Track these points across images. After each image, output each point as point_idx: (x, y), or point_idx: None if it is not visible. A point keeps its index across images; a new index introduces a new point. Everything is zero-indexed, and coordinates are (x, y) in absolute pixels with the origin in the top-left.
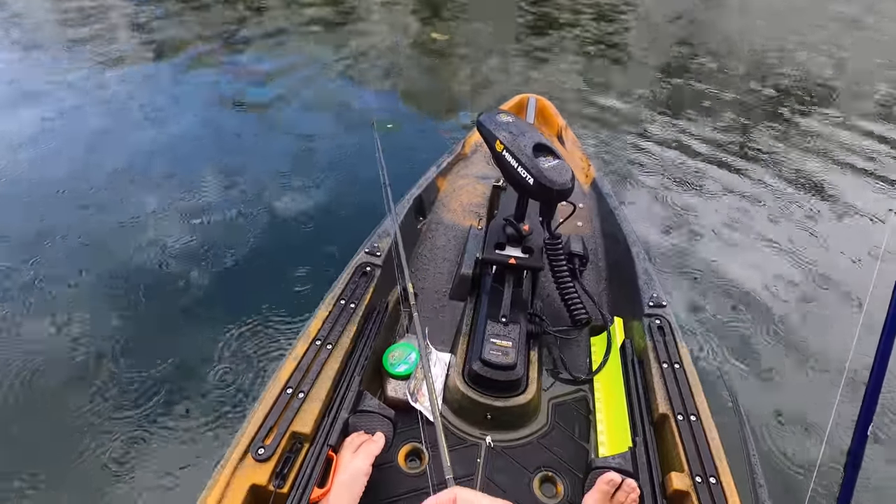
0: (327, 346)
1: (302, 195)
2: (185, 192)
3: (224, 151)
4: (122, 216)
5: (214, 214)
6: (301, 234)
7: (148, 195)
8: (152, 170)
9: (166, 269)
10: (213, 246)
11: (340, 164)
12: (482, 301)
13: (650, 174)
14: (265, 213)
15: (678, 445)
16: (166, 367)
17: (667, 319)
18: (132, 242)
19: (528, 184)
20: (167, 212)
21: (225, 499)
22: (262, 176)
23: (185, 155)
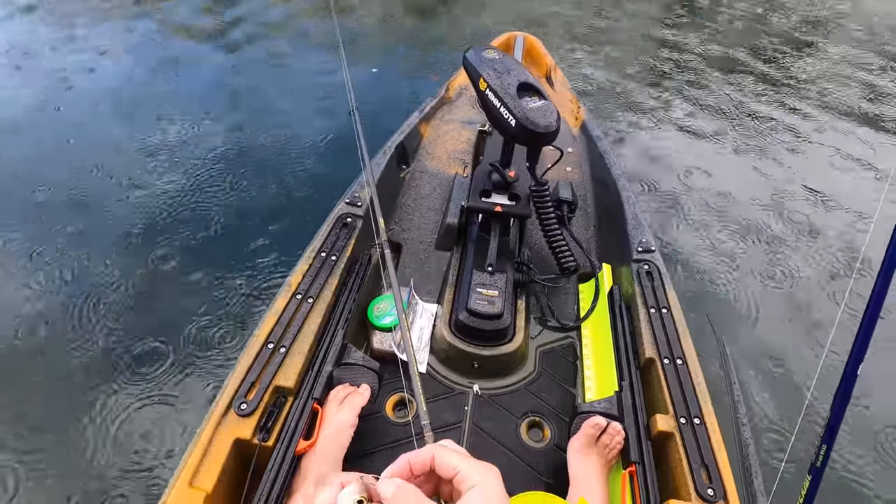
0: (308, 299)
1: (275, 140)
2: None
3: (186, 90)
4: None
5: (178, 155)
6: (277, 183)
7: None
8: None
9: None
10: (182, 195)
11: (317, 108)
12: (468, 250)
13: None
14: (238, 156)
15: (664, 388)
16: (143, 320)
17: (655, 265)
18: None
19: (510, 126)
20: (130, 153)
21: (209, 454)
22: (226, 116)
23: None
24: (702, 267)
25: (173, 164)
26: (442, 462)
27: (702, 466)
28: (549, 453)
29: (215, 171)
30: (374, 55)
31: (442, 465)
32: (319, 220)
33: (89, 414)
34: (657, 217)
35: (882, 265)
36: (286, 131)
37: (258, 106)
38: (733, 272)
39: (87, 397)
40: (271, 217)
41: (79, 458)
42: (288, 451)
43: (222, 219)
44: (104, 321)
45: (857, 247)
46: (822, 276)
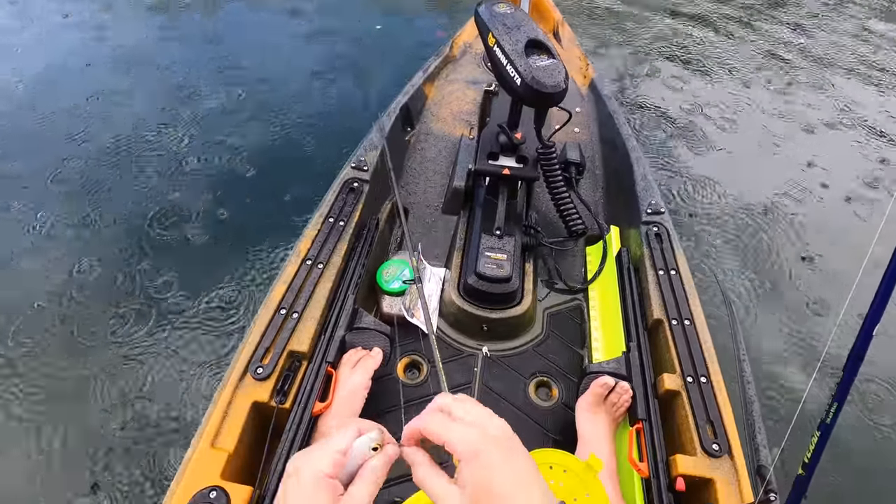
0: (318, 265)
1: (276, 105)
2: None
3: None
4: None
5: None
6: (280, 147)
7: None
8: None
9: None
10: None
11: (321, 70)
12: (476, 214)
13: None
14: (242, 124)
15: (671, 349)
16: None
17: (664, 227)
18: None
19: (516, 84)
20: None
21: (228, 416)
22: (234, 79)
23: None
24: (713, 226)
25: (186, 122)
26: (429, 434)
27: (707, 423)
28: (557, 411)
29: (217, 132)
30: (380, 9)
31: (431, 437)
32: (315, 180)
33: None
34: (668, 177)
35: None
36: (296, 96)
37: (262, 66)
38: (745, 231)
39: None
40: (279, 182)
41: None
42: (305, 413)
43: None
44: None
45: (882, 208)
46: (840, 234)
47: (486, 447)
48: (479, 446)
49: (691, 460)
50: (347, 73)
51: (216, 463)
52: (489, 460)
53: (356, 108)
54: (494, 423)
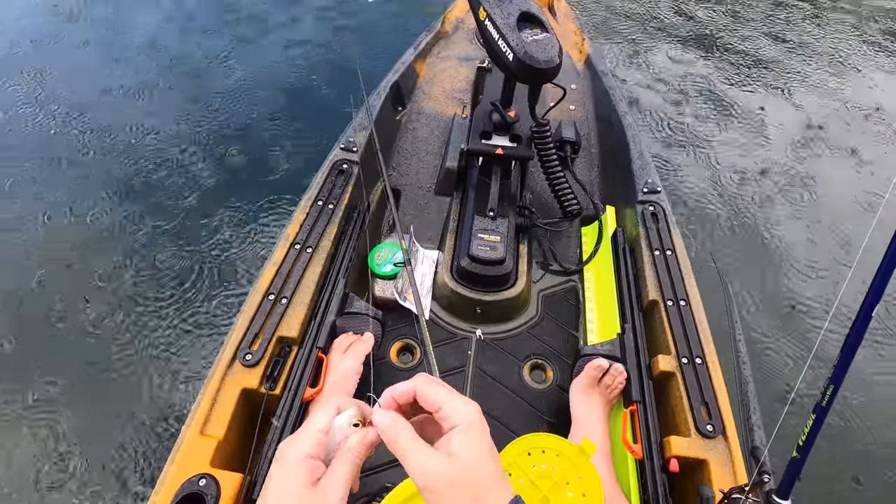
0: (307, 249)
1: (260, 84)
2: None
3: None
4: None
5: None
6: (267, 131)
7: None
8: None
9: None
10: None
11: (307, 49)
12: (469, 195)
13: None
14: (224, 106)
15: (666, 330)
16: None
17: (661, 206)
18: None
19: (508, 60)
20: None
21: (217, 403)
22: (212, 56)
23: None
24: (709, 205)
25: (166, 102)
26: (425, 396)
27: (702, 404)
28: (551, 394)
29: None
30: None
31: (425, 398)
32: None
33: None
34: (664, 153)
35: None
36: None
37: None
38: (742, 210)
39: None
40: (265, 164)
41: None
42: (295, 399)
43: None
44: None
45: (882, 184)
46: (840, 215)
47: (482, 422)
48: (476, 418)
49: (685, 441)
50: (338, 51)
51: (205, 451)
52: (483, 435)
53: (350, 86)
54: (475, 405)
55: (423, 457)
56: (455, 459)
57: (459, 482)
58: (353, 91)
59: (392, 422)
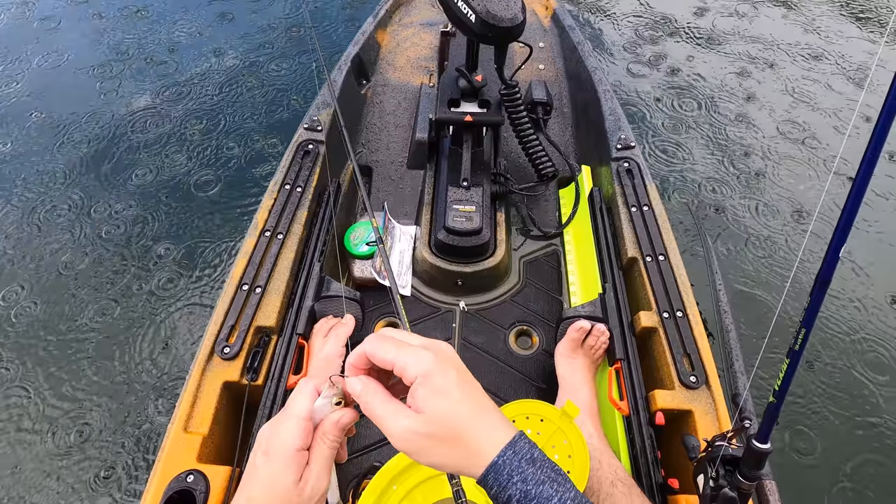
0: (278, 235)
1: (212, 64)
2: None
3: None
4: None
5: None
6: (222, 114)
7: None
8: None
9: None
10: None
11: (261, 29)
12: (441, 167)
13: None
14: (174, 88)
15: (646, 286)
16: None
17: (635, 161)
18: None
19: (470, 21)
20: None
21: (199, 399)
22: (162, 36)
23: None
24: (684, 155)
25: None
26: (375, 356)
27: (684, 356)
28: (538, 359)
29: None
30: None
31: (376, 359)
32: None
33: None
34: (637, 108)
35: (868, 144)
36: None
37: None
38: (715, 158)
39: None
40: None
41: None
42: (279, 387)
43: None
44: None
45: (845, 124)
46: (807, 155)
47: (440, 366)
48: (432, 366)
49: (669, 394)
50: (294, 27)
51: (191, 447)
52: (445, 380)
53: (310, 63)
54: (443, 346)
55: (395, 419)
56: (424, 415)
57: (434, 436)
58: (313, 68)
59: (363, 387)
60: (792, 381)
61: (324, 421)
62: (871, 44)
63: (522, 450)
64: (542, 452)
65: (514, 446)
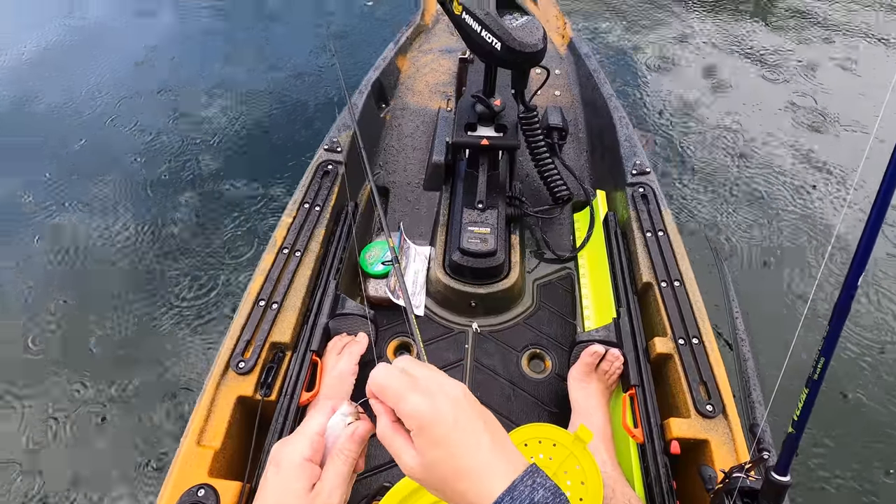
0: (296, 253)
1: (241, 86)
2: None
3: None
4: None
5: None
6: (248, 134)
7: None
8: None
9: None
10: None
11: (287, 48)
12: (457, 189)
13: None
14: (202, 111)
15: (661, 311)
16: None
17: (650, 186)
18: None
19: (495, 49)
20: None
21: (213, 413)
22: (193, 61)
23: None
24: (700, 183)
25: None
26: (380, 397)
27: (700, 384)
28: (551, 383)
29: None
30: None
31: (382, 399)
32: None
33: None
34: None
35: (886, 171)
36: (274, 72)
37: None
38: (732, 188)
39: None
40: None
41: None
42: (292, 404)
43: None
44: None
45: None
46: (826, 186)
47: (440, 417)
48: (432, 417)
49: (685, 423)
50: (319, 54)
51: (203, 461)
52: (443, 431)
53: (333, 87)
54: (449, 387)
55: (401, 455)
56: (422, 462)
57: (432, 481)
58: (336, 92)
59: (378, 416)
60: (811, 411)
61: (340, 436)
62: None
63: (522, 495)
64: (546, 494)
65: (513, 492)
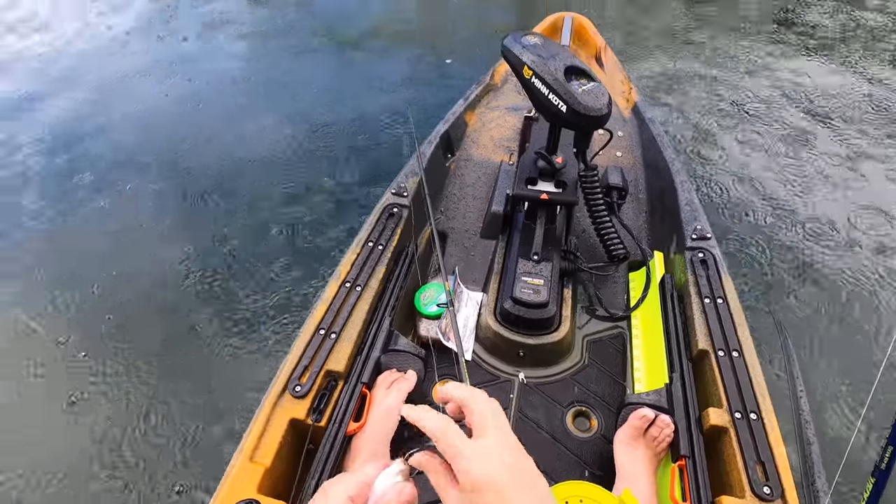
0: (357, 288)
1: (321, 133)
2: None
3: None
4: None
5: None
6: (322, 175)
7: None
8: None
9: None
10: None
11: (364, 101)
12: (513, 239)
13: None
14: (284, 150)
15: (717, 381)
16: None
17: (711, 252)
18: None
19: (561, 111)
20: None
21: (267, 432)
22: (283, 108)
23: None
24: (766, 256)
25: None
26: (438, 442)
27: (758, 463)
28: (595, 443)
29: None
30: (455, 43)
31: (438, 444)
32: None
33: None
34: (716, 204)
35: None
36: (354, 118)
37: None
38: (802, 264)
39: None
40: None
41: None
42: (339, 432)
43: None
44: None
45: None
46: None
47: (488, 486)
48: (480, 485)
49: (739, 503)
50: (411, 107)
51: (254, 476)
52: (489, 500)
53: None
54: (505, 456)
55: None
56: None
57: None
58: (407, 141)
59: (427, 463)
60: (879, 502)
61: (387, 492)
62: None
63: None
64: None
65: None
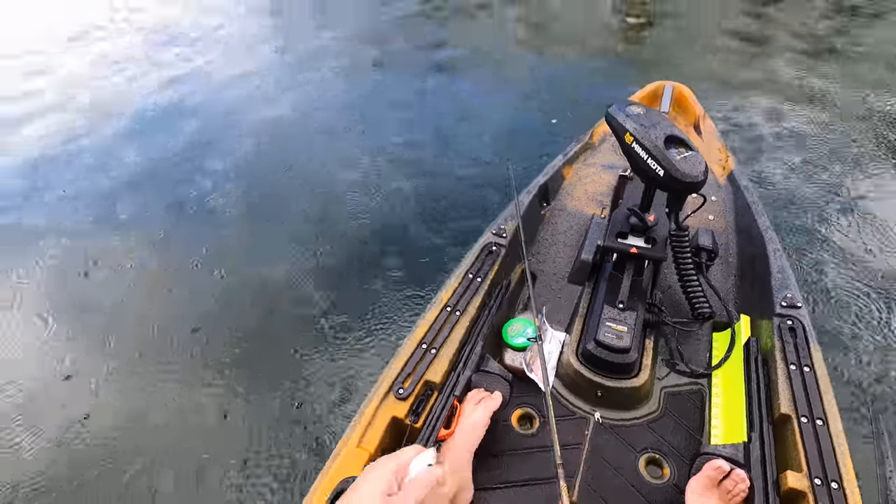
0: (456, 312)
1: (433, 179)
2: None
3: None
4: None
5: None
6: (433, 215)
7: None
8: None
9: None
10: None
11: (472, 158)
12: (600, 286)
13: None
14: (402, 192)
15: (798, 446)
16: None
17: (800, 321)
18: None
19: (659, 175)
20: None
21: (372, 425)
22: (403, 155)
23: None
24: (864, 336)
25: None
26: None
27: None
28: (667, 491)
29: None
30: (562, 103)
31: None
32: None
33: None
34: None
35: None
36: (461, 169)
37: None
38: None
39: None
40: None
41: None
42: (431, 435)
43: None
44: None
45: None
46: None
47: None
48: None
49: None
50: (514, 161)
51: (360, 459)
52: None
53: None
54: None
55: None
56: None
57: None
58: (508, 189)
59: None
60: None
61: (420, 471)
62: None
63: None
64: None
65: None
